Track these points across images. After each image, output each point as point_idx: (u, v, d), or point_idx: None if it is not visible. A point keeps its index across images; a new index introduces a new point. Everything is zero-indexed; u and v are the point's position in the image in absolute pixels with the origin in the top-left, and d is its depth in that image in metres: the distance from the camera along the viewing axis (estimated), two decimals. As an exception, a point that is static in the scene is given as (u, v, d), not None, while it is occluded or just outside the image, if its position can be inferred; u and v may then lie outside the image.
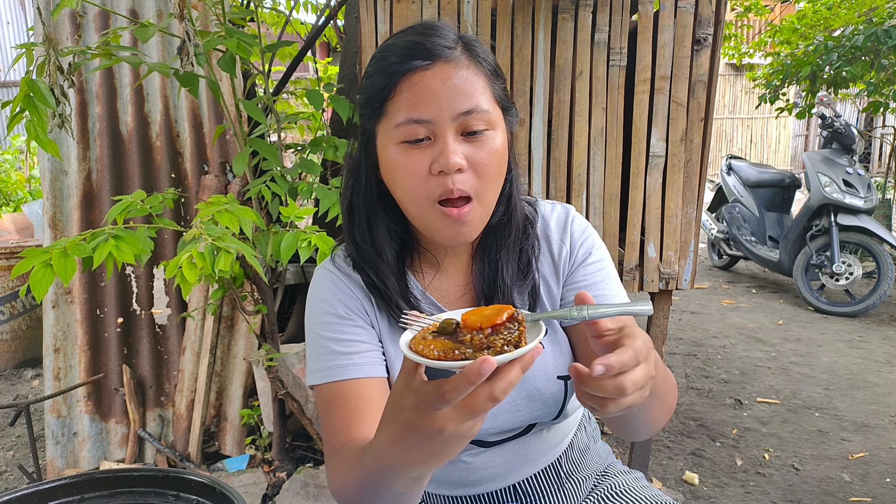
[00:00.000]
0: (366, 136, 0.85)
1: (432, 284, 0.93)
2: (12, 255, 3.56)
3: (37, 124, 1.48)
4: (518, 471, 0.98)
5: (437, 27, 0.81)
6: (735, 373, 3.53)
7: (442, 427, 0.53)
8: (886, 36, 4.37)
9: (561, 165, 2.09)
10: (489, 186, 0.81)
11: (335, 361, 0.86)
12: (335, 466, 0.80)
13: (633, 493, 1.04)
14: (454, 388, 0.51)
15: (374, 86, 0.81)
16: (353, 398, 0.84)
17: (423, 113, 0.77)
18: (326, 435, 0.85)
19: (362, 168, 0.88)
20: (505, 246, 0.90)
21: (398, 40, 0.81)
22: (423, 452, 0.57)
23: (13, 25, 11.93)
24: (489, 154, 0.79)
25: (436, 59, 0.77)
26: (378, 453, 0.63)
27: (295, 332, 2.79)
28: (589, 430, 1.11)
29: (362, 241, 0.89)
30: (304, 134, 2.75)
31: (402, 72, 0.77)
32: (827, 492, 2.33)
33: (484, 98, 0.79)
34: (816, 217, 4.73)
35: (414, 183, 0.79)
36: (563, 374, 0.92)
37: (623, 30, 2.02)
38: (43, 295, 1.34)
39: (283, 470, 2.23)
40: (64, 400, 2.44)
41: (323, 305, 0.89)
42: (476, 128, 0.78)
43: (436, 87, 0.77)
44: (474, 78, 0.79)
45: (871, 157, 12.65)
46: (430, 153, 0.78)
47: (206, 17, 2.37)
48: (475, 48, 0.82)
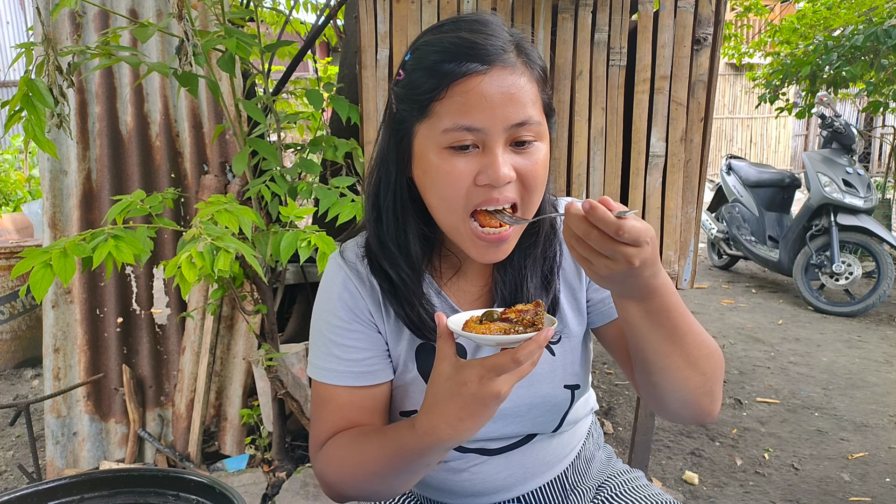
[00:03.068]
0: (402, 131, 0.80)
1: (448, 285, 0.91)
2: (12, 255, 3.56)
3: (35, 124, 1.48)
4: (522, 483, 0.96)
5: (490, 23, 0.77)
6: (734, 373, 3.53)
7: (500, 391, 0.64)
8: (886, 36, 4.37)
9: (561, 165, 2.09)
10: (533, 197, 0.79)
11: (334, 365, 0.86)
12: (331, 454, 0.83)
13: (633, 493, 1.03)
14: (527, 352, 0.62)
15: (420, 83, 0.75)
16: (345, 403, 0.86)
17: (475, 121, 0.72)
18: (315, 430, 0.88)
19: (392, 163, 0.82)
20: (531, 255, 0.88)
21: (448, 35, 0.76)
22: (475, 420, 0.66)
23: (13, 25, 11.93)
24: (536, 165, 0.77)
25: (493, 64, 0.73)
26: (425, 433, 0.69)
27: (295, 332, 2.79)
28: (595, 436, 1.10)
29: (389, 241, 0.85)
30: (304, 134, 2.75)
31: (456, 74, 0.73)
32: (826, 491, 2.33)
33: (535, 108, 0.76)
34: (816, 217, 4.73)
35: (455, 192, 0.75)
36: (570, 384, 0.92)
37: (623, 30, 2.02)
38: (43, 295, 1.34)
39: (283, 470, 2.23)
40: (64, 400, 2.44)
41: (328, 304, 0.88)
42: (525, 139, 0.75)
43: (491, 93, 0.72)
44: (528, 86, 0.75)
45: (871, 156, 12.65)
46: (477, 163, 0.74)
47: (206, 16, 2.37)
48: (529, 52, 0.78)
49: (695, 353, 0.77)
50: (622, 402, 3.16)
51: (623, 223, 0.61)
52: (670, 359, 0.77)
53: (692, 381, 0.79)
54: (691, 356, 0.77)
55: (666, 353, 0.76)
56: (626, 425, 2.90)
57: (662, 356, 0.77)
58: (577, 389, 0.94)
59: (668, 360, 0.77)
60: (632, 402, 3.12)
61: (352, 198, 1.75)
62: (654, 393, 0.83)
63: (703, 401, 0.81)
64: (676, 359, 0.77)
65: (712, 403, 0.81)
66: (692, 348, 0.77)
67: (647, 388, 0.83)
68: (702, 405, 0.81)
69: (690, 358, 0.77)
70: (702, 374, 0.79)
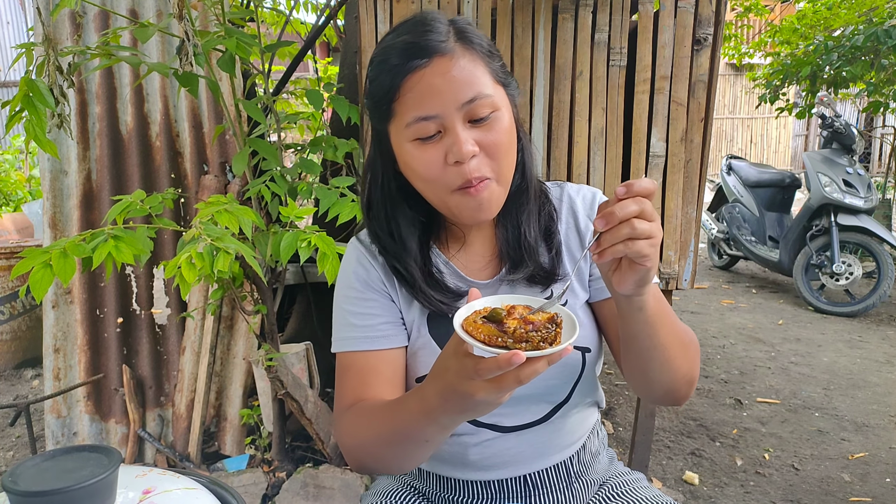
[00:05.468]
0: (378, 135, 0.89)
1: (457, 256, 0.97)
2: (12, 255, 3.56)
3: (35, 124, 1.48)
4: (530, 462, 0.99)
5: (429, 21, 0.83)
6: (735, 373, 3.52)
7: (474, 393, 0.62)
8: (886, 36, 4.37)
9: (561, 165, 2.09)
10: (504, 163, 0.85)
11: (351, 333, 0.93)
12: (349, 422, 0.87)
13: (633, 494, 1.04)
14: (487, 369, 0.60)
15: (379, 88, 0.83)
16: (363, 368, 0.91)
17: (429, 109, 0.80)
18: (338, 396, 0.93)
19: (378, 165, 0.92)
20: (526, 210, 0.95)
21: (395, 41, 0.83)
22: (457, 407, 0.67)
23: (13, 25, 11.93)
24: (498, 134, 0.83)
25: (432, 56, 0.80)
26: (423, 397, 0.72)
27: (295, 332, 2.79)
28: (600, 437, 1.13)
29: (382, 233, 0.94)
30: (304, 134, 2.75)
31: (403, 72, 0.80)
32: (827, 492, 2.33)
33: (484, 82, 0.82)
34: (816, 217, 4.72)
35: (432, 175, 0.83)
36: (580, 345, 0.95)
37: (623, 30, 2.02)
38: (43, 295, 1.34)
39: (283, 470, 2.23)
40: (64, 400, 2.44)
41: (345, 280, 0.96)
42: (482, 114, 0.81)
43: (436, 82, 0.79)
44: (471, 66, 0.81)
45: (871, 157, 12.65)
46: (443, 146, 0.81)
47: (206, 16, 2.37)
48: (468, 34, 0.84)
49: (685, 341, 0.86)
50: (622, 402, 3.16)
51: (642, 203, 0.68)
52: (670, 350, 0.83)
53: (682, 370, 0.86)
54: (683, 344, 0.85)
55: (667, 344, 0.82)
56: (626, 425, 2.90)
57: (666, 347, 0.82)
58: (588, 353, 0.96)
59: (669, 350, 0.82)
60: (632, 402, 3.12)
61: (352, 198, 1.75)
62: (643, 379, 0.88)
63: (685, 388, 0.89)
64: (669, 342, 0.82)
65: (691, 388, 0.90)
66: (681, 335, 0.85)
67: (637, 376, 0.88)
68: (683, 391, 0.89)
69: (682, 347, 0.85)
70: (689, 361, 0.87)
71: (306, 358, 2.36)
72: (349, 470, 2.16)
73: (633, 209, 0.67)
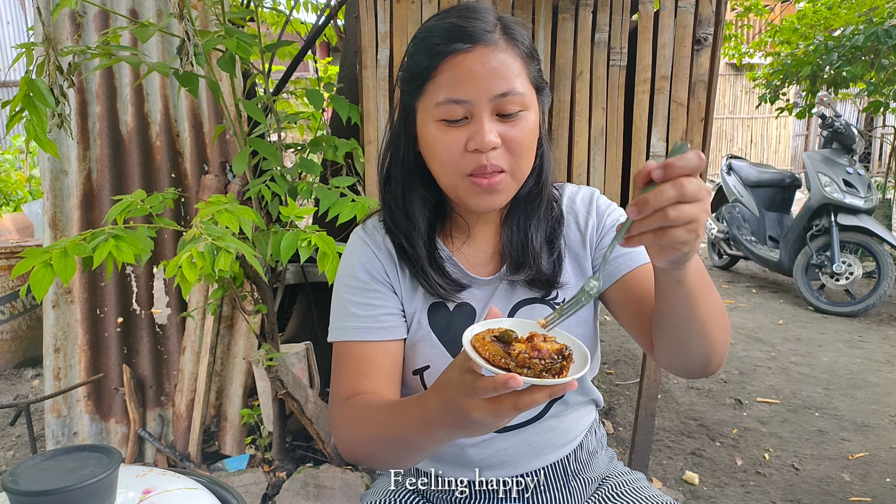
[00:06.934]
0: (406, 111, 0.90)
1: (460, 250, 0.98)
2: (12, 255, 3.56)
3: (36, 124, 1.48)
4: (527, 461, 1.00)
5: (479, 10, 0.85)
6: (735, 373, 3.52)
7: (470, 411, 0.61)
8: (886, 36, 4.37)
9: (561, 165, 2.09)
10: (522, 161, 0.86)
11: (351, 323, 0.92)
12: (346, 415, 0.87)
13: (633, 494, 1.05)
14: (483, 388, 0.58)
15: (416, 65, 0.85)
16: (361, 358, 0.91)
17: (462, 94, 0.81)
18: (335, 386, 0.92)
19: (401, 140, 0.93)
20: (535, 216, 0.95)
21: (441, 22, 0.85)
22: (453, 423, 0.66)
23: (13, 25, 11.93)
24: (522, 132, 0.84)
25: (476, 43, 0.81)
26: (423, 406, 0.71)
27: (295, 332, 2.79)
28: (598, 435, 1.13)
29: (395, 208, 0.95)
30: (304, 134, 2.75)
31: (444, 53, 0.82)
32: (827, 492, 2.33)
33: (519, 81, 0.83)
34: (816, 217, 4.72)
35: (450, 158, 0.84)
36: None
37: (623, 30, 2.02)
38: (43, 295, 1.34)
39: (283, 470, 2.23)
40: (64, 400, 2.44)
41: (348, 269, 0.96)
42: (511, 110, 0.83)
43: (475, 69, 0.81)
44: (511, 61, 0.82)
45: (871, 156, 12.64)
46: (467, 132, 0.83)
47: (206, 16, 2.37)
48: (513, 31, 0.85)
49: (723, 310, 0.81)
50: (622, 402, 3.16)
51: (683, 182, 0.61)
52: (709, 322, 0.77)
53: (720, 339, 0.81)
54: (721, 314, 0.81)
55: (706, 315, 0.77)
56: (626, 425, 2.90)
57: (705, 319, 0.77)
58: None
59: (708, 323, 0.77)
60: (632, 402, 3.12)
61: (352, 198, 1.75)
62: (679, 353, 0.82)
63: (721, 357, 0.83)
64: (715, 320, 0.78)
65: (725, 352, 0.84)
66: (720, 305, 0.80)
67: (673, 350, 0.83)
68: (718, 359, 0.83)
69: (721, 316, 0.80)
70: (725, 330, 0.82)
71: (306, 358, 2.37)
72: (350, 470, 2.16)
73: (671, 195, 0.60)
